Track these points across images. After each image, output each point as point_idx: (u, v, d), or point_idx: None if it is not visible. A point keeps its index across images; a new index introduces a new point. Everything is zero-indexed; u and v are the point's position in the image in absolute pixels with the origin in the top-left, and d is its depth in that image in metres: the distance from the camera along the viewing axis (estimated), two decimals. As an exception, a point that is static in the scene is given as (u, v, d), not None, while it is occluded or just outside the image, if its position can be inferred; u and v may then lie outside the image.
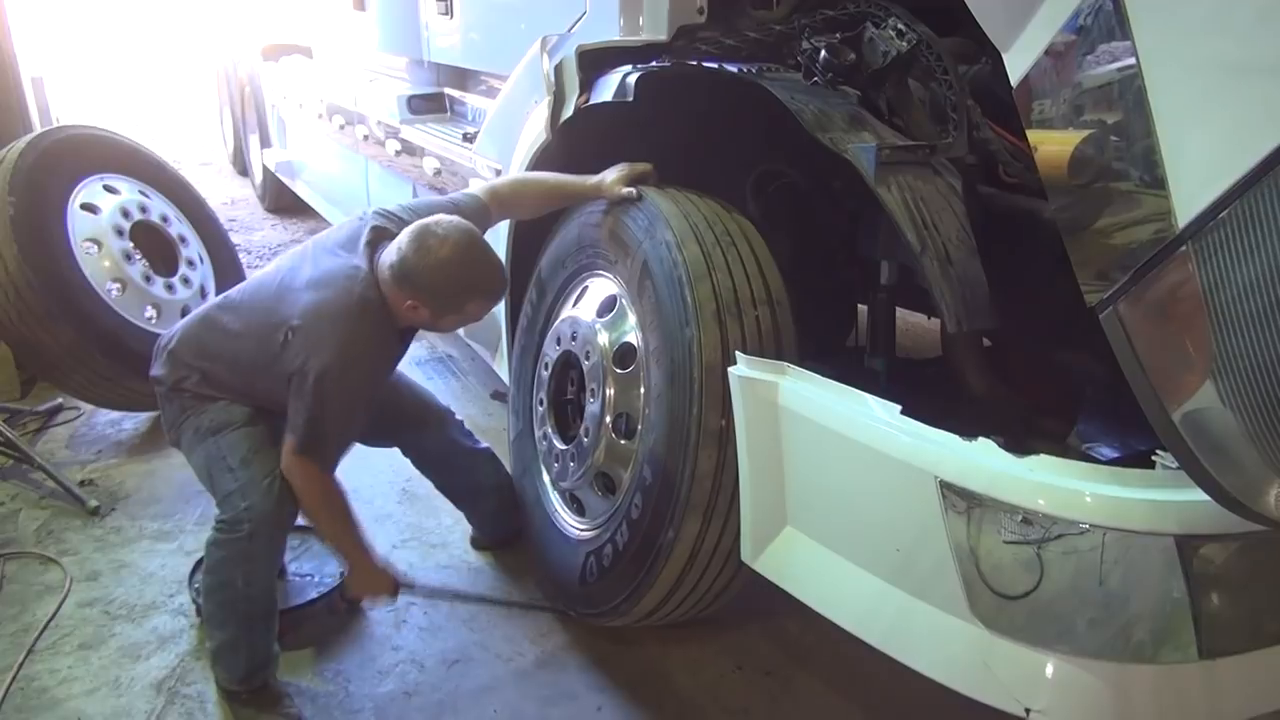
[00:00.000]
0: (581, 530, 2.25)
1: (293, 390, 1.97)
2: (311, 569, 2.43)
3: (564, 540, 2.29)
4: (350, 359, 1.96)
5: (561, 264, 2.38)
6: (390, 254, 2.03)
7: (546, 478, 2.42)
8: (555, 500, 2.38)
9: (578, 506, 2.29)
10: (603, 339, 2.15)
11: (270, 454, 2.03)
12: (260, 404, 2.09)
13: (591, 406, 2.15)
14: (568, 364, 2.33)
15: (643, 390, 2.04)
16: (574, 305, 2.33)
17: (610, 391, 2.11)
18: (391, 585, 2.20)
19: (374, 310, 2.02)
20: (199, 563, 2.35)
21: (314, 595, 2.34)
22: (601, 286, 2.25)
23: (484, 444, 2.61)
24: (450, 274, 2.00)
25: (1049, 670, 1.43)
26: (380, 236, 2.10)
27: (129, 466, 3.14)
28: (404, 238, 2.02)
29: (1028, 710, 1.42)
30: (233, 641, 2.05)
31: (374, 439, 2.49)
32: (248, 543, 1.98)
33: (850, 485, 1.68)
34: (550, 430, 2.38)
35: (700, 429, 1.84)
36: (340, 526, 2.11)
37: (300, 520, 2.10)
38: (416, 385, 2.55)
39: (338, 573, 2.37)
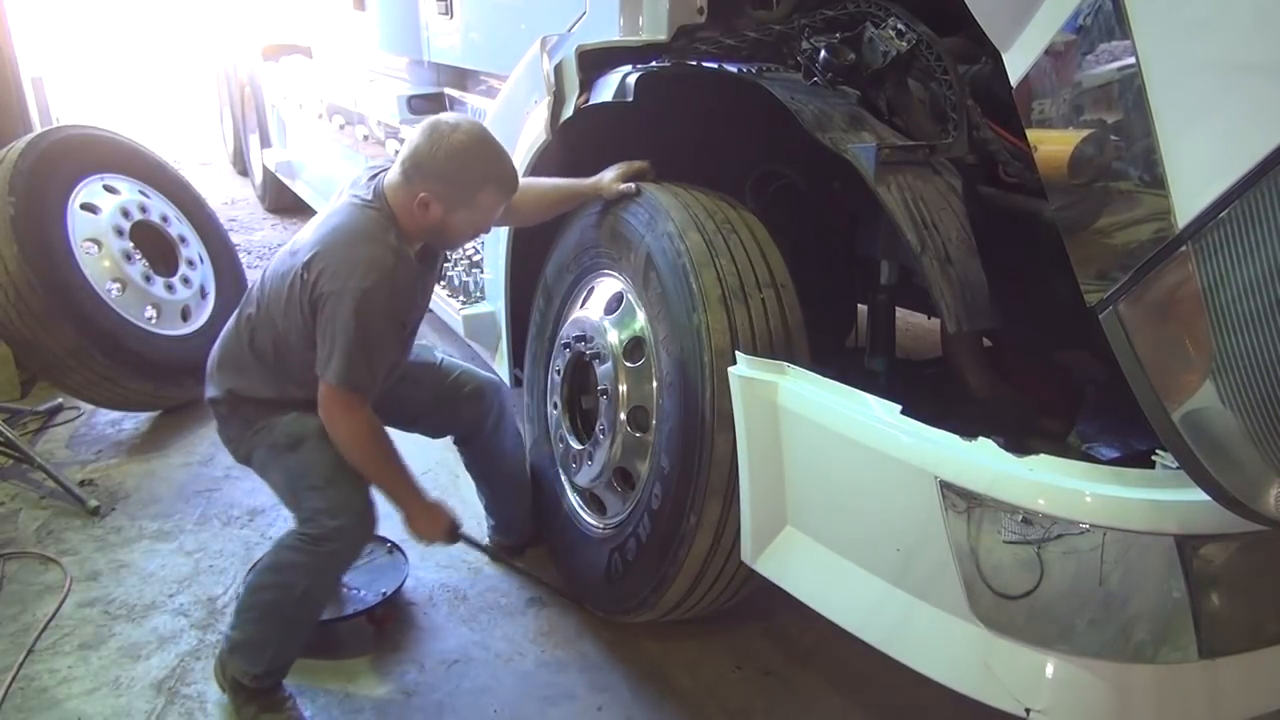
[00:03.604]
0: (603, 528, 2.26)
1: (318, 324, 1.94)
2: (361, 584, 2.40)
3: (586, 540, 2.30)
4: (367, 277, 1.91)
5: (565, 268, 2.39)
6: (398, 159, 1.99)
7: (565, 479, 2.43)
8: (575, 501, 2.39)
9: (598, 505, 2.30)
10: (612, 336, 2.16)
11: (351, 468, 2.03)
12: (313, 392, 2.04)
13: (605, 403, 2.16)
14: (579, 365, 2.34)
15: (655, 382, 2.05)
16: (581, 307, 2.34)
17: (623, 387, 2.12)
18: (449, 523, 2.16)
19: (383, 228, 1.98)
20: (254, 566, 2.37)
21: (350, 611, 2.31)
22: (607, 285, 2.26)
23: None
24: (464, 159, 1.95)
25: (1049, 670, 1.44)
26: (378, 173, 2.08)
27: (129, 466, 3.14)
28: (413, 134, 1.99)
29: (1028, 710, 1.42)
30: (263, 639, 2.02)
31: (435, 428, 2.49)
32: (328, 559, 1.98)
33: (850, 485, 1.68)
34: (566, 432, 2.39)
35: (715, 413, 1.84)
36: (387, 467, 2.07)
37: None
38: (459, 364, 2.50)
39: (380, 592, 2.36)
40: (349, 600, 2.35)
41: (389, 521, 2.15)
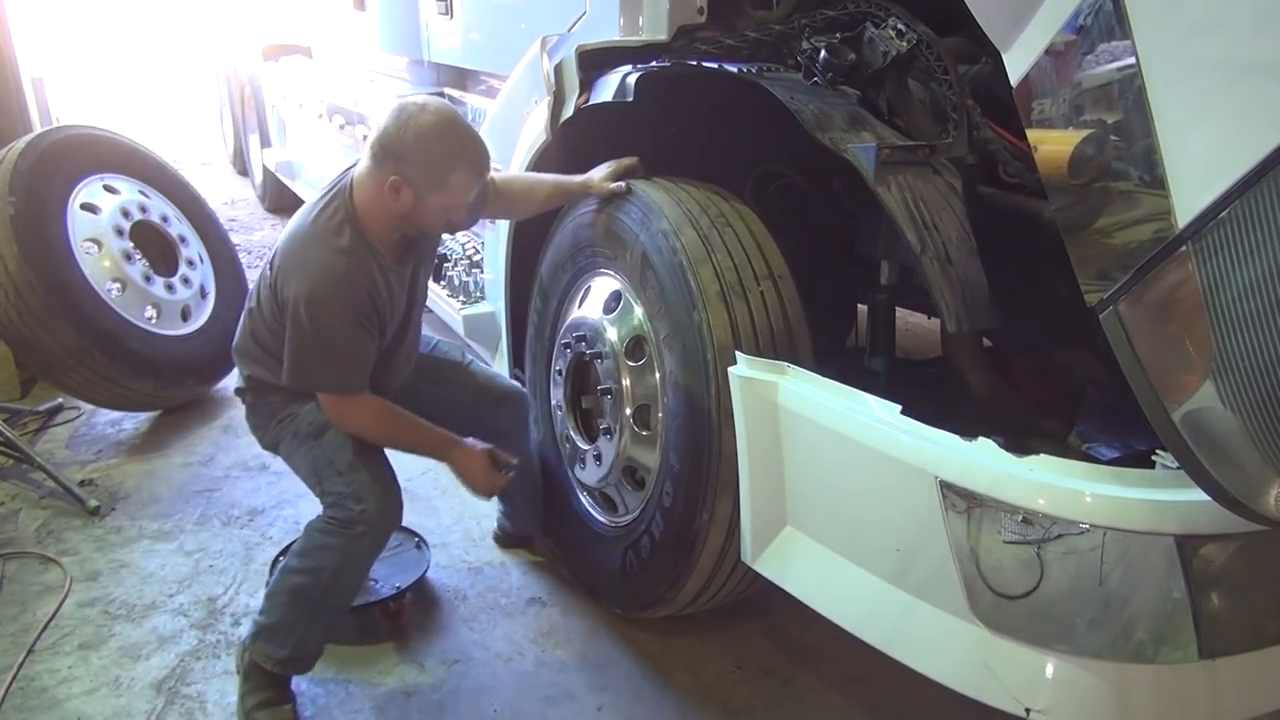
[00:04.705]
0: (615, 526, 2.27)
1: (288, 330, 1.95)
2: (380, 576, 2.39)
3: (599, 539, 2.31)
4: (314, 282, 1.90)
5: (561, 268, 2.39)
6: (366, 145, 1.97)
7: (574, 479, 2.43)
8: (585, 500, 2.40)
9: (608, 503, 2.31)
10: (612, 335, 2.16)
11: (376, 452, 2.06)
12: None
13: (609, 403, 2.16)
14: (580, 365, 2.34)
15: (658, 380, 2.05)
16: (579, 306, 2.34)
17: (627, 384, 2.13)
18: (495, 468, 2.17)
19: (336, 228, 1.95)
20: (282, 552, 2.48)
21: (360, 601, 2.29)
22: (604, 284, 2.26)
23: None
24: (434, 139, 1.89)
25: (1049, 670, 1.44)
26: (349, 169, 2.07)
27: (129, 466, 3.14)
28: (381, 117, 1.95)
29: (1028, 710, 1.43)
30: (289, 622, 2.01)
31: (454, 429, 2.46)
32: (356, 541, 1.99)
33: (850, 485, 1.68)
34: (572, 432, 2.39)
35: (720, 409, 1.85)
36: (407, 434, 2.10)
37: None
38: (487, 368, 2.51)
39: (395, 585, 2.36)
40: (364, 591, 2.34)
41: (415, 516, 2.15)
